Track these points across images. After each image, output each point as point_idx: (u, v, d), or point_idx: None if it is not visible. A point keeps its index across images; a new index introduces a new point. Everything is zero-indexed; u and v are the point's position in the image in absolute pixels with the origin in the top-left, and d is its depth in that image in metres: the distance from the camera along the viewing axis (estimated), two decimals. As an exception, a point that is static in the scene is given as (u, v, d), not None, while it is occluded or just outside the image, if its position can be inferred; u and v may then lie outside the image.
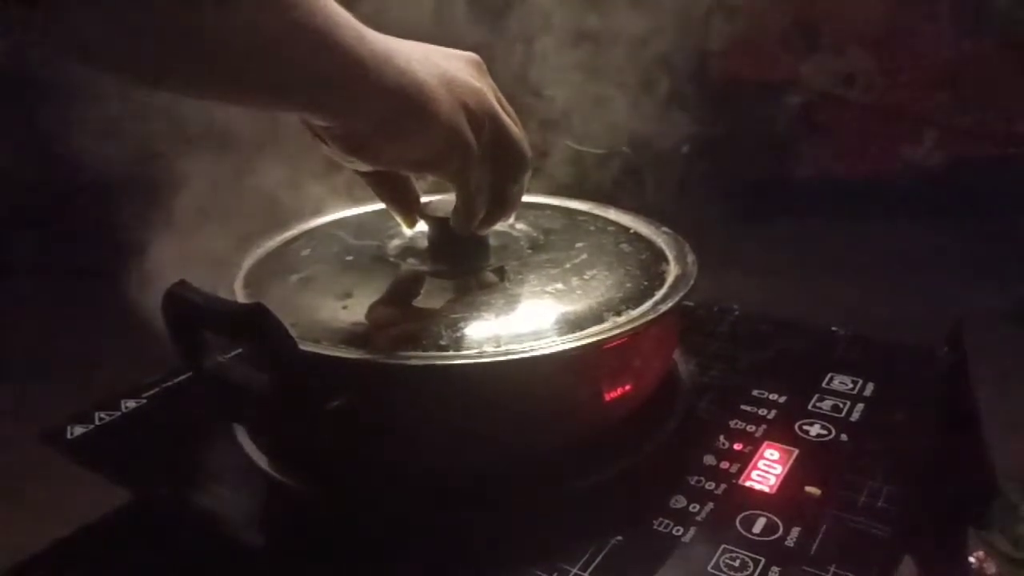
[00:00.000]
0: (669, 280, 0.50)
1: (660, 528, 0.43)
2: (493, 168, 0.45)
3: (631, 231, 0.57)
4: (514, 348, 0.42)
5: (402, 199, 0.50)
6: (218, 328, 0.41)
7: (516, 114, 0.47)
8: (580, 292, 0.47)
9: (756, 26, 2.19)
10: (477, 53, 0.46)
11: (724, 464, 0.48)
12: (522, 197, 0.49)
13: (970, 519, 0.69)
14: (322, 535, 0.44)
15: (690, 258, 0.52)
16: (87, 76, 0.34)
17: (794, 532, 0.42)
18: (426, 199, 0.51)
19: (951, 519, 0.65)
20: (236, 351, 0.43)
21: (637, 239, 0.56)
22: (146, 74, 0.34)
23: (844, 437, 0.51)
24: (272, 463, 0.49)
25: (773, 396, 0.55)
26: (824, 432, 0.51)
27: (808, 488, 0.46)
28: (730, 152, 2.10)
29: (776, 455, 0.49)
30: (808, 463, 0.48)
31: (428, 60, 0.41)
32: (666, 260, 0.53)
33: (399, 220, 0.52)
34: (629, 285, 0.49)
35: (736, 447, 0.50)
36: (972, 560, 1.16)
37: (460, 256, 0.50)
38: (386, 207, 0.51)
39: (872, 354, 0.61)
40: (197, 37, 0.32)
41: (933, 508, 0.60)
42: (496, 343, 0.42)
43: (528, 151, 0.47)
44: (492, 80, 0.46)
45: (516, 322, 0.44)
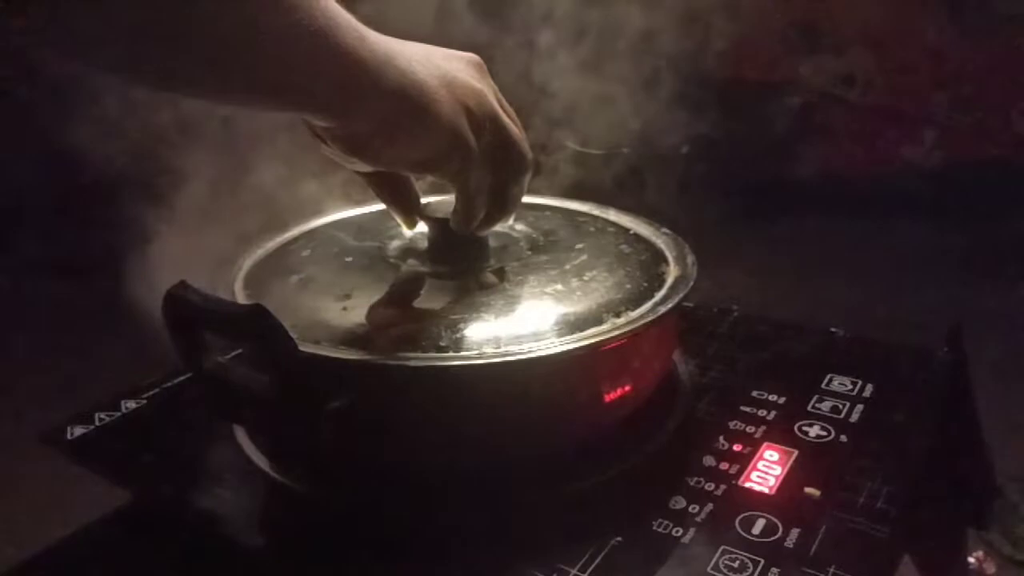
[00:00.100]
0: (669, 281, 0.50)
1: (659, 529, 0.43)
2: (493, 169, 0.45)
3: (631, 232, 0.57)
4: (513, 349, 0.42)
5: (402, 200, 0.50)
6: (218, 329, 0.41)
7: (516, 115, 0.47)
8: (580, 293, 0.47)
9: (756, 26, 2.19)
10: (478, 54, 0.46)
11: (724, 465, 0.48)
12: (522, 198, 0.49)
13: (969, 519, 0.69)
14: (322, 536, 0.44)
15: (690, 259, 0.52)
16: (88, 76, 0.34)
17: (793, 533, 0.43)
18: (426, 200, 0.51)
19: (950, 519, 0.65)
20: (236, 352, 0.43)
21: (637, 240, 0.56)
22: (147, 75, 0.34)
23: (843, 438, 0.51)
24: (272, 464, 0.49)
25: (773, 397, 0.55)
26: (823, 433, 0.51)
27: (807, 489, 0.46)
28: (730, 152, 2.10)
29: (776, 456, 0.49)
30: (807, 464, 0.48)
31: (429, 61, 0.41)
32: (666, 261, 0.53)
33: (399, 221, 0.52)
34: (629, 286, 0.49)
35: (736, 448, 0.50)
36: (971, 560, 1.16)
37: (460, 257, 0.50)
38: (386, 208, 0.51)
39: (871, 355, 0.61)
40: (198, 38, 0.32)
41: (932, 509, 0.60)
42: (496, 344, 0.43)
43: (528, 152, 0.47)
44: (492, 81, 0.46)
45: (516, 323, 0.44)
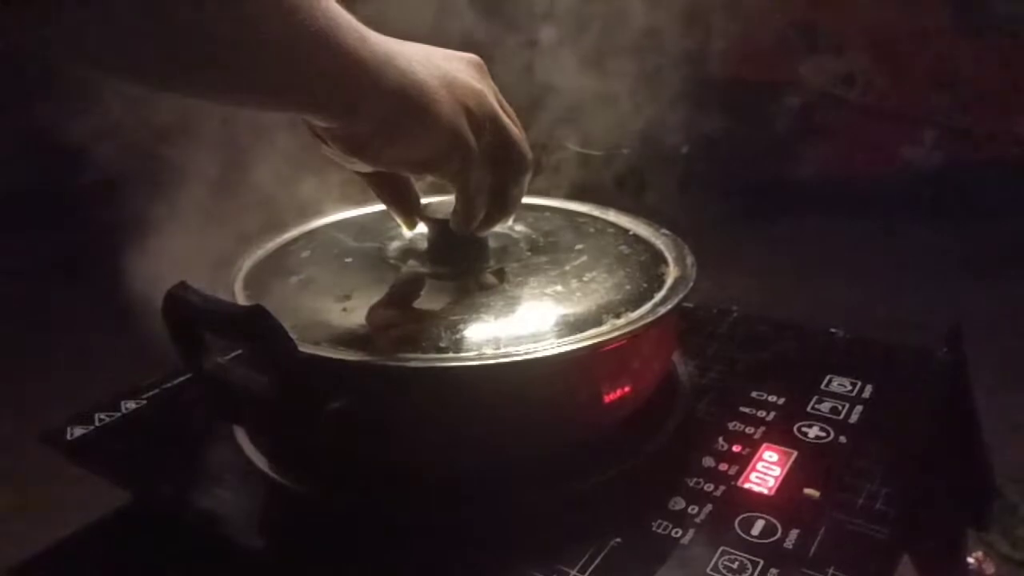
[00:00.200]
0: (668, 282, 0.50)
1: (659, 530, 0.43)
2: (493, 169, 0.45)
3: (630, 233, 0.57)
4: (513, 350, 0.42)
5: (402, 200, 0.51)
6: (218, 330, 0.41)
7: (516, 115, 0.47)
8: (579, 294, 0.47)
9: (756, 26, 2.19)
10: (478, 53, 0.46)
11: (723, 466, 0.48)
12: (522, 199, 0.49)
13: (969, 520, 0.69)
14: (322, 536, 0.44)
15: (689, 260, 0.52)
16: (88, 77, 0.34)
17: (793, 534, 0.43)
18: (426, 200, 0.52)
19: (950, 520, 0.66)
20: (236, 352, 0.44)
21: (636, 241, 0.56)
22: (147, 77, 0.34)
23: (843, 439, 0.51)
24: (272, 464, 0.49)
25: (772, 398, 0.55)
26: (823, 434, 0.51)
27: (807, 490, 0.46)
28: (730, 153, 2.10)
29: (775, 457, 0.49)
30: (807, 465, 0.48)
31: (429, 61, 0.41)
32: (665, 262, 0.53)
33: (399, 222, 0.52)
34: (628, 287, 0.49)
35: (735, 449, 0.50)
36: (971, 560, 1.16)
37: (460, 258, 0.50)
38: (386, 209, 0.51)
39: (871, 356, 0.61)
40: (198, 40, 0.32)
41: (932, 509, 0.60)
42: (495, 345, 0.43)
43: (528, 152, 0.47)
44: (492, 81, 0.46)
45: (515, 324, 0.44)
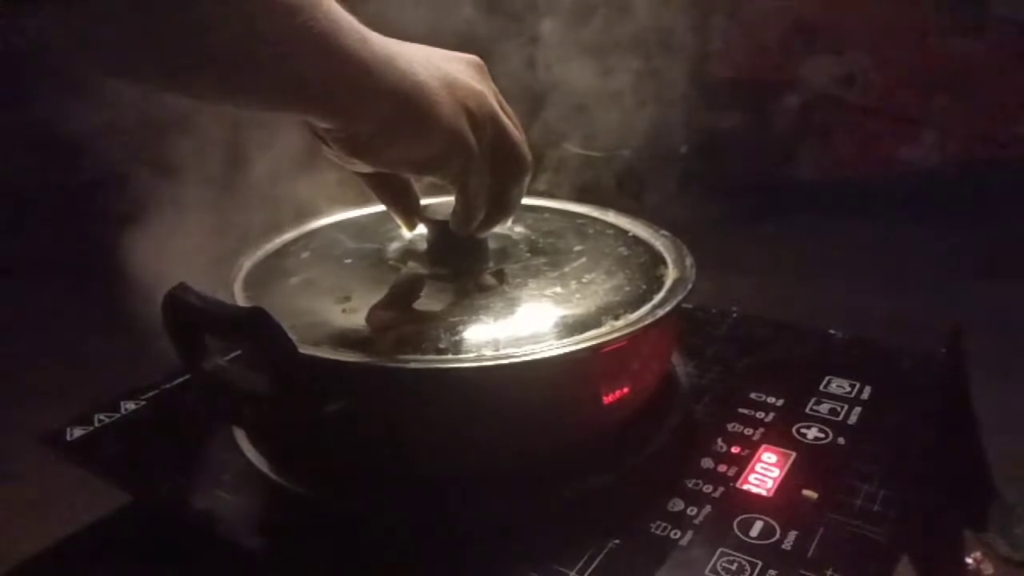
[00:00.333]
0: (667, 284, 0.50)
1: (657, 531, 0.43)
2: (493, 171, 0.45)
3: (630, 234, 0.58)
4: (512, 352, 0.42)
5: (402, 201, 0.51)
6: (218, 331, 0.41)
7: (516, 117, 0.47)
8: (578, 295, 0.47)
9: (755, 27, 2.19)
10: (477, 54, 0.46)
11: (722, 467, 0.48)
12: (521, 200, 0.49)
13: (967, 521, 0.69)
14: (321, 537, 0.44)
15: (688, 261, 0.53)
16: (89, 77, 0.34)
17: (791, 535, 0.43)
18: (426, 201, 0.52)
19: (948, 521, 0.66)
20: (236, 353, 0.44)
21: (636, 242, 0.56)
22: (147, 78, 0.34)
23: (841, 440, 0.51)
24: (271, 465, 0.49)
25: (771, 399, 0.55)
26: (821, 435, 0.51)
27: (805, 491, 0.46)
28: (729, 153, 2.10)
29: (774, 458, 0.49)
30: (805, 466, 0.48)
31: (430, 62, 0.41)
32: (664, 263, 0.53)
33: (399, 222, 0.52)
34: (627, 288, 0.49)
35: (734, 450, 0.50)
36: (969, 561, 1.16)
37: (459, 259, 0.50)
38: (386, 209, 0.51)
39: (870, 357, 0.61)
40: (198, 42, 0.32)
41: (930, 510, 0.60)
42: (495, 347, 0.43)
43: (528, 154, 0.47)
44: (493, 83, 0.46)
45: (515, 326, 0.44)
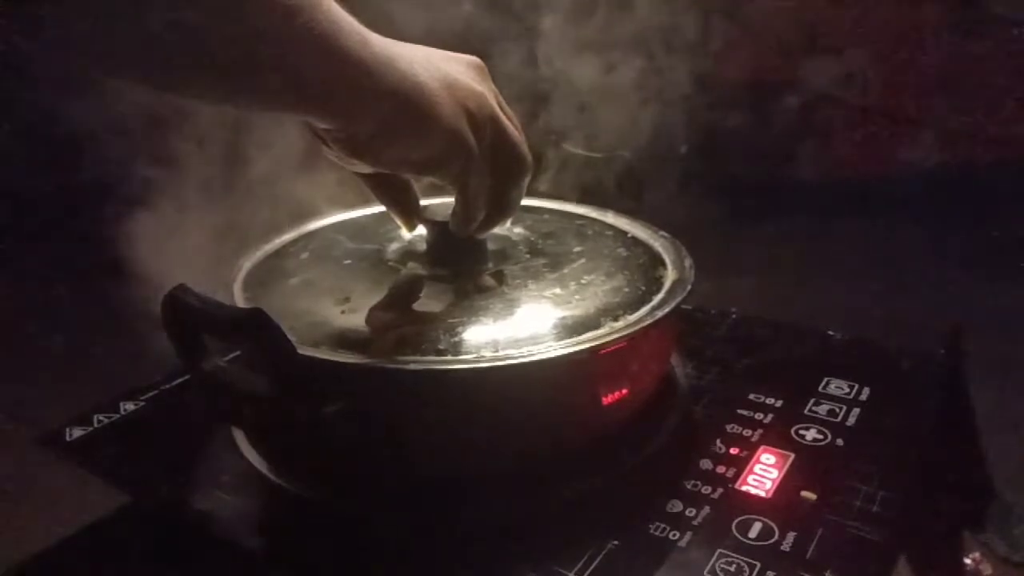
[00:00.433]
0: (666, 285, 0.50)
1: (656, 533, 0.43)
2: (493, 171, 0.45)
3: (629, 235, 0.58)
4: (512, 353, 0.42)
5: (402, 202, 0.51)
6: (217, 332, 0.41)
7: (516, 118, 0.47)
8: (578, 297, 0.47)
9: (755, 27, 2.19)
10: (476, 54, 0.46)
11: (720, 468, 0.48)
12: (521, 201, 0.49)
13: (966, 521, 0.69)
14: (320, 538, 0.45)
15: (687, 263, 0.53)
16: (88, 77, 0.34)
17: (790, 537, 0.43)
18: (425, 202, 0.52)
19: (947, 522, 0.66)
20: (235, 354, 0.44)
21: (635, 243, 0.56)
22: (147, 79, 0.34)
23: (840, 442, 0.51)
24: (270, 466, 0.49)
25: (770, 400, 0.55)
26: (820, 437, 0.51)
27: (804, 493, 0.46)
28: (729, 153, 2.10)
29: (772, 460, 0.49)
30: (804, 468, 0.48)
31: (430, 63, 0.41)
32: (663, 265, 0.53)
33: (398, 223, 0.52)
34: (626, 290, 0.49)
35: (733, 451, 0.50)
36: (968, 562, 1.16)
37: (459, 260, 0.50)
38: (385, 210, 0.51)
39: (869, 358, 0.61)
40: (198, 43, 0.32)
41: (929, 511, 0.60)
42: (494, 348, 0.43)
43: (528, 155, 0.47)
44: (493, 84, 0.46)
45: (514, 327, 0.44)
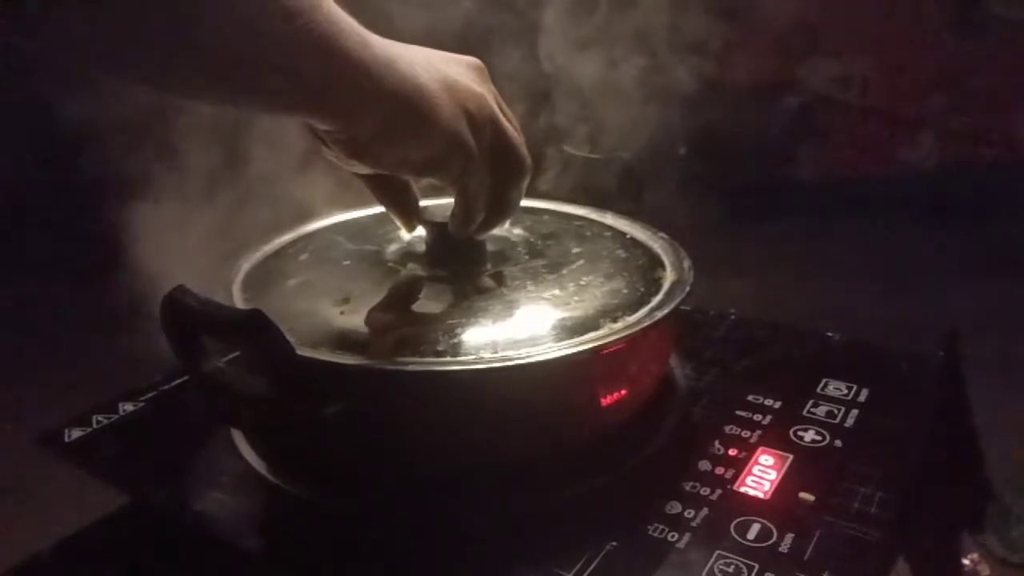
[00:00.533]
0: (665, 286, 0.50)
1: (655, 534, 0.43)
2: (492, 173, 0.45)
3: (628, 236, 0.58)
4: (511, 354, 0.42)
5: (402, 203, 0.51)
6: (216, 333, 0.41)
7: (516, 119, 0.47)
8: (577, 298, 0.47)
9: (755, 28, 2.19)
10: (476, 55, 0.46)
11: (719, 470, 0.48)
12: (520, 202, 0.50)
13: (964, 523, 0.69)
14: (319, 539, 0.45)
15: (686, 264, 0.53)
16: (89, 77, 0.34)
17: (788, 538, 0.43)
18: (424, 203, 0.52)
19: (945, 523, 0.66)
20: (234, 354, 0.44)
21: (634, 244, 0.56)
22: (146, 79, 0.34)
23: (838, 443, 0.51)
24: (269, 467, 0.49)
25: (768, 401, 0.55)
26: (818, 438, 0.51)
27: (802, 494, 0.46)
28: (727, 154, 2.11)
29: (771, 461, 0.49)
30: (802, 469, 0.49)
31: (430, 65, 0.41)
32: (662, 266, 0.53)
33: (398, 224, 0.52)
34: (625, 291, 0.49)
35: (731, 452, 0.50)
36: (966, 563, 1.16)
37: (458, 261, 0.50)
38: (385, 211, 0.52)
39: (867, 359, 0.61)
40: (198, 44, 0.32)
41: (927, 513, 0.60)
42: (493, 349, 0.43)
43: (527, 156, 0.47)
44: (493, 85, 0.46)
45: (513, 328, 0.44)
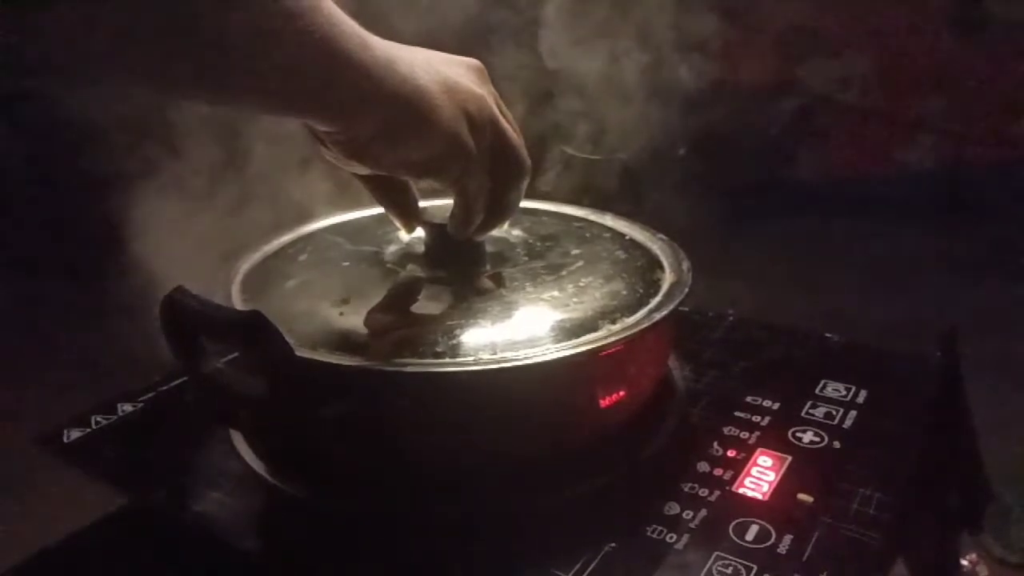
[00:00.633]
0: (664, 287, 0.50)
1: (653, 535, 0.43)
2: (492, 174, 0.46)
3: (627, 237, 0.58)
4: (509, 355, 0.42)
5: (401, 204, 0.51)
6: (215, 334, 0.41)
7: (515, 120, 0.47)
8: (575, 299, 0.47)
9: (754, 29, 2.20)
10: (476, 56, 0.46)
11: (717, 471, 0.49)
12: (519, 203, 0.50)
13: (963, 523, 0.69)
14: (318, 540, 0.45)
15: (685, 265, 0.53)
16: (89, 78, 0.34)
17: (786, 539, 0.43)
18: (424, 204, 0.52)
19: (944, 524, 0.66)
20: (233, 355, 0.44)
21: (633, 246, 0.56)
22: (145, 80, 0.34)
23: (837, 444, 0.51)
24: (268, 468, 0.49)
25: (767, 403, 0.55)
26: (817, 439, 0.52)
27: (801, 495, 0.46)
28: (727, 155, 2.11)
29: (769, 462, 0.49)
30: (801, 470, 0.49)
31: (430, 66, 0.41)
32: (661, 267, 0.53)
33: (398, 225, 0.52)
34: (624, 292, 0.49)
35: (730, 454, 0.50)
36: (965, 563, 1.16)
37: (457, 262, 0.51)
38: (384, 212, 0.52)
39: (866, 360, 0.61)
40: (198, 46, 0.32)
41: (926, 513, 0.60)
42: (492, 350, 0.43)
43: (527, 158, 0.47)
44: (492, 87, 0.46)
45: (512, 329, 0.44)
